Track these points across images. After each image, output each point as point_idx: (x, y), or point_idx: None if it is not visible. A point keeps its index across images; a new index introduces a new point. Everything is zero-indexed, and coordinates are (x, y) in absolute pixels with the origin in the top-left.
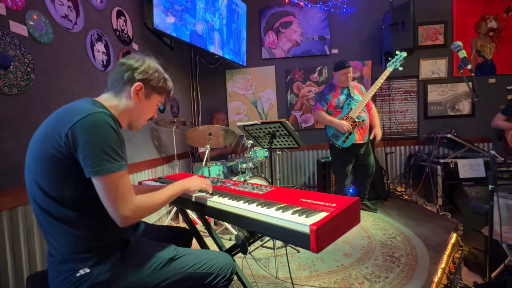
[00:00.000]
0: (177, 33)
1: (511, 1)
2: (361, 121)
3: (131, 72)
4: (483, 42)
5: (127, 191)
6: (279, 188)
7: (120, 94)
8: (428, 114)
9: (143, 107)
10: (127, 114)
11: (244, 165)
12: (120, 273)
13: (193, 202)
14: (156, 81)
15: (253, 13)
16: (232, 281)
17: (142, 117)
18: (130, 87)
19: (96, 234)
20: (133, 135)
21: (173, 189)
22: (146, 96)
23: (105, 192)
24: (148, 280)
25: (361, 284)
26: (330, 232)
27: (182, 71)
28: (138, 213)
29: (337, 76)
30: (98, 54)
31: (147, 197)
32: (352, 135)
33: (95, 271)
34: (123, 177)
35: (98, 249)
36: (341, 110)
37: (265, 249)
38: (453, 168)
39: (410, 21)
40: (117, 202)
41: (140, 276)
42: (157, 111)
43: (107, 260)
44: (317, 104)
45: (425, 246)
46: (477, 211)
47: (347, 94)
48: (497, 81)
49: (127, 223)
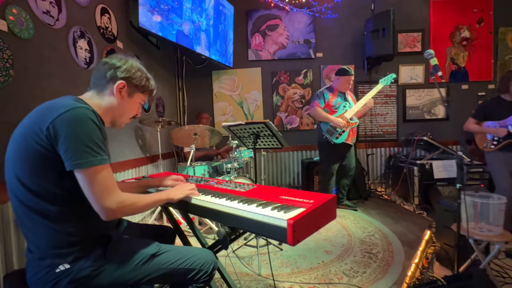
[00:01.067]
0: (163, 33)
1: (483, 13)
2: (353, 122)
3: (114, 71)
4: (457, 50)
5: (111, 184)
6: (261, 186)
7: (103, 92)
8: (407, 118)
9: (126, 105)
10: (110, 111)
11: (229, 165)
12: (102, 269)
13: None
14: (139, 80)
15: (240, 15)
16: (213, 276)
17: (125, 115)
18: (112, 85)
19: (77, 229)
20: (117, 133)
21: (159, 196)
22: (129, 94)
23: (88, 185)
24: (131, 276)
25: (340, 279)
26: (306, 226)
27: (168, 71)
28: (122, 207)
29: (340, 81)
30: (81, 51)
31: (133, 195)
32: (345, 133)
33: (76, 266)
34: (106, 171)
35: (79, 244)
36: (336, 110)
37: (249, 247)
38: (429, 169)
39: (390, 28)
40: (102, 194)
41: (122, 271)
42: (140, 110)
43: (88, 255)
44: (315, 101)
45: (401, 243)
46: (448, 209)
47: (343, 98)
48: (469, 88)
49: (112, 217)
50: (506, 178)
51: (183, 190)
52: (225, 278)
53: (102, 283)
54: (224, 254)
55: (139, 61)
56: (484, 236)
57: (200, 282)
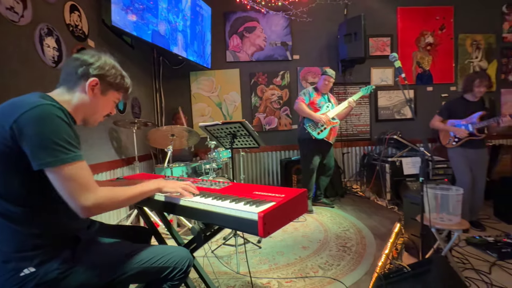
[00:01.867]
0: (138, 32)
1: (445, 20)
2: (335, 122)
3: (86, 68)
4: (422, 54)
5: (88, 181)
6: (236, 184)
7: (74, 89)
8: (379, 118)
9: (98, 103)
10: (82, 109)
11: (207, 165)
12: (70, 271)
13: (151, 200)
14: (113, 78)
15: (218, 16)
16: (189, 273)
17: (98, 113)
18: (84, 82)
19: (43, 231)
20: (89, 135)
21: (147, 186)
22: (102, 92)
23: (61, 184)
24: (102, 277)
25: (315, 273)
26: (277, 219)
27: (144, 71)
28: (101, 204)
29: (320, 80)
30: (48, 50)
31: (114, 189)
32: (326, 130)
33: (42, 270)
34: (81, 167)
35: (45, 247)
36: (319, 109)
37: (228, 247)
38: (399, 166)
39: (361, 32)
40: (77, 192)
41: (92, 273)
42: (114, 108)
43: (55, 258)
44: (301, 97)
45: (373, 236)
46: (414, 202)
47: (327, 99)
48: (434, 89)
49: (90, 214)
50: (466, 172)
51: (175, 185)
52: (202, 277)
53: (70, 285)
54: (202, 254)
55: (113, 58)
56: (444, 225)
57: (175, 280)
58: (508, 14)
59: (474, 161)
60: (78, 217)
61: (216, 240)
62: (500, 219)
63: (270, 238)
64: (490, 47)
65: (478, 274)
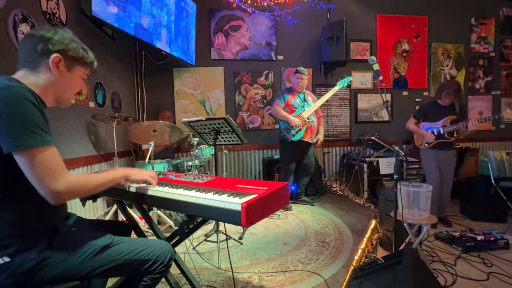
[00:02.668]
0: (119, 24)
1: (420, 29)
2: (310, 121)
3: (44, 44)
4: (398, 61)
5: (57, 165)
6: (219, 178)
7: (37, 69)
8: (358, 119)
9: (66, 81)
10: (51, 89)
11: (190, 162)
12: (46, 262)
13: (133, 193)
14: (75, 52)
15: (203, 13)
16: (170, 267)
17: (68, 92)
18: (46, 60)
19: (18, 218)
20: (65, 129)
21: (114, 173)
22: (68, 68)
23: (29, 168)
24: (81, 268)
25: (295, 267)
26: (259, 209)
27: (125, 65)
28: (71, 189)
29: (294, 79)
30: (22, 37)
31: (84, 175)
32: (301, 131)
33: (17, 259)
34: (51, 152)
35: (21, 236)
36: (295, 110)
37: (209, 243)
38: (376, 165)
39: (343, 37)
40: (46, 177)
41: (70, 264)
42: (84, 84)
43: (32, 248)
44: (276, 101)
45: (350, 232)
46: (388, 198)
47: (302, 99)
48: (409, 94)
49: (60, 200)
50: (434, 172)
51: (142, 173)
52: (184, 272)
53: (47, 276)
54: (183, 251)
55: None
56: (415, 220)
57: (155, 273)
58: (476, 26)
59: (443, 161)
60: (56, 206)
61: (197, 237)
62: (466, 216)
63: (252, 234)
64: (460, 56)
65: (445, 266)
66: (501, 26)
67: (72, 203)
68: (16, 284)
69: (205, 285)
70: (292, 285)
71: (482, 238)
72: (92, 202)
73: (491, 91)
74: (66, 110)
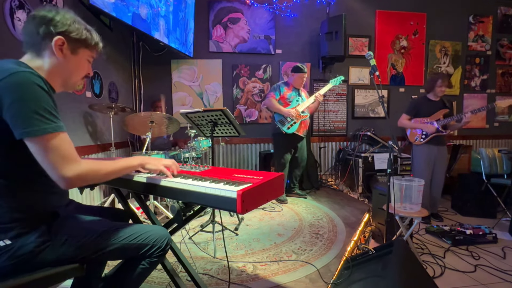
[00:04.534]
0: (117, 13)
1: (418, 26)
2: (304, 115)
3: (46, 26)
4: (396, 57)
5: (70, 151)
6: (216, 168)
7: (41, 53)
8: (355, 115)
9: (71, 64)
10: (57, 73)
11: (187, 154)
12: (46, 245)
13: (130, 181)
14: (79, 33)
15: (202, 4)
16: (167, 251)
17: (75, 76)
18: (49, 43)
19: (21, 204)
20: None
21: (129, 161)
22: (72, 51)
23: (43, 153)
24: (78, 251)
25: (289, 257)
26: (254, 197)
27: (122, 55)
28: (84, 175)
29: (294, 77)
30: (19, 24)
31: (97, 161)
32: (296, 124)
33: (17, 243)
34: (63, 138)
35: (23, 220)
36: (290, 103)
37: (205, 233)
38: (371, 161)
39: (342, 32)
40: (59, 163)
41: (70, 247)
42: (91, 68)
43: (32, 231)
44: (271, 93)
45: (344, 225)
46: (381, 192)
47: (297, 93)
48: (406, 91)
49: (71, 186)
50: (426, 169)
51: (158, 163)
52: (180, 260)
53: (47, 259)
54: (179, 240)
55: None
56: (407, 213)
57: (153, 257)
58: (474, 24)
59: (436, 157)
60: (59, 192)
61: (193, 227)
62: (456, 211)
63: (247, 226)
64: (457, 54)
65: (434, 258)
66: (499, 25)
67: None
68: (17, 266)
69: (201, 273)
70: (285, 274)
71: (471, 232)
72: (90, 190)
73: (487, 89)
74: (63, 99)
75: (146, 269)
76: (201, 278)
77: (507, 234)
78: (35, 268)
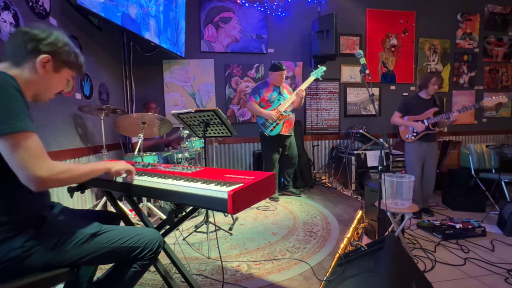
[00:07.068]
0: (106, 13)
1: (407, 24)
2: (287, 115)
3: (36, 43)
4: (387, 55)
5: (40, 151)
6: (208, 168)
7: (22, 65)
8: (347, 113)
9: (51, 80)
10: (32, 86)
11: (180, 155)
12: (34, 249)
13: (121, 183)
14: (67, 55)
15: (193, 4)
16: (159, 254)
17: (50, 91)
18: (34, 58)
19: (5, 207)
20: (51, 120)
21: (95, 165)
22: (55, 69)
23: (12, 152)
24: (68, 256)
25: (283, 255)
26: (245, 197)
27: (113, 56)
28: (54, 175)
29: (273, 76)
30: (4, 25)
31: (67, 163)
32: (278, 126)
33: (4, 248)
34: (33, 138)
35: (9, 224)
36: (271, 104)
37: (199, 234)
38: (363, 158)
39: (333, 30)
40: (29, 162)
41: (58, 251)
42: (66, 85)
43: (19, 236)
44: (251, 97)
45: (337, 222)
46: (373, 189)
47: (278, 92)
48: (396, 88)
49: (42, 187)
50: (417, 166)
51: (121, 165)
52: (174, 261)
53: (35, 264)
54: (173, 242)
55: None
56: (398, 209)
57: (145, 259)
58: (462, 22)
59: (427, 153)
60: (39, 195)
61: (187, 228)
62: (447, 206)
63: (241, 225)
64: (445, 52)
65: (425, 252)
66: (486, 23)
67: (60, 195)
68: (4, 271)
69: (195, 273)
70: (279, 272)
71: (460, 226)
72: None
73: (475, 86)
74: (51, 101)
75: (138, 272)
76: (195, 279)
77: (496, 227)
78: (23, 273)
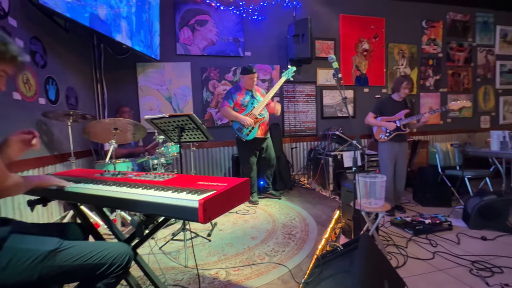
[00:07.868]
0: (72, 14)
1: (378, 30)
2: (262, 117)
3: None
4: (360, 59)
5: None
6: (180, 175)
7: None
8: (324, 115)
9: None
10: None
11: (155, 161)
12: None
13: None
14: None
15: (167, 6)
16: (128, 269)
17: None
18: None
19: None
20: (11, 127)
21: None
22: None
23: None
24: (25, 275)
25: (262, 260)
26: (217, 205)
27: (81, 59)
28: None
29: (244, 79)
30: None
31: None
32: (254, 130)
33: None
34: None
35: None
36: (245, 108)
37: (176, 242)
38: (340, 159)
39: (308, 34)
40: None
41: (12, 272)
42: (4, 83)
43: None
44: (225, 102)
45: (315, 223)
46: (349, 189)
47: (251, 95)
48: (370, 91)
49: None
50: (389, 165)
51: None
52: (148, 274)
53: None
54: (147, 252)
55: None
56: (371, 208)
57: (113, 275)
58: (426, 28)
59: (398, 152)
60: None
61: (164, 237)
62: (417, 202)
63: (220, 231)
64: (413, 56)
65: (398, 248)
66: (448, 29)
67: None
68: None
69: (171, 284)
70: (258, 277)
71: (429, 222)
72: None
73: (439, 88)
74: (11, 107)
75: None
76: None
77: (461, 221)
78: None
